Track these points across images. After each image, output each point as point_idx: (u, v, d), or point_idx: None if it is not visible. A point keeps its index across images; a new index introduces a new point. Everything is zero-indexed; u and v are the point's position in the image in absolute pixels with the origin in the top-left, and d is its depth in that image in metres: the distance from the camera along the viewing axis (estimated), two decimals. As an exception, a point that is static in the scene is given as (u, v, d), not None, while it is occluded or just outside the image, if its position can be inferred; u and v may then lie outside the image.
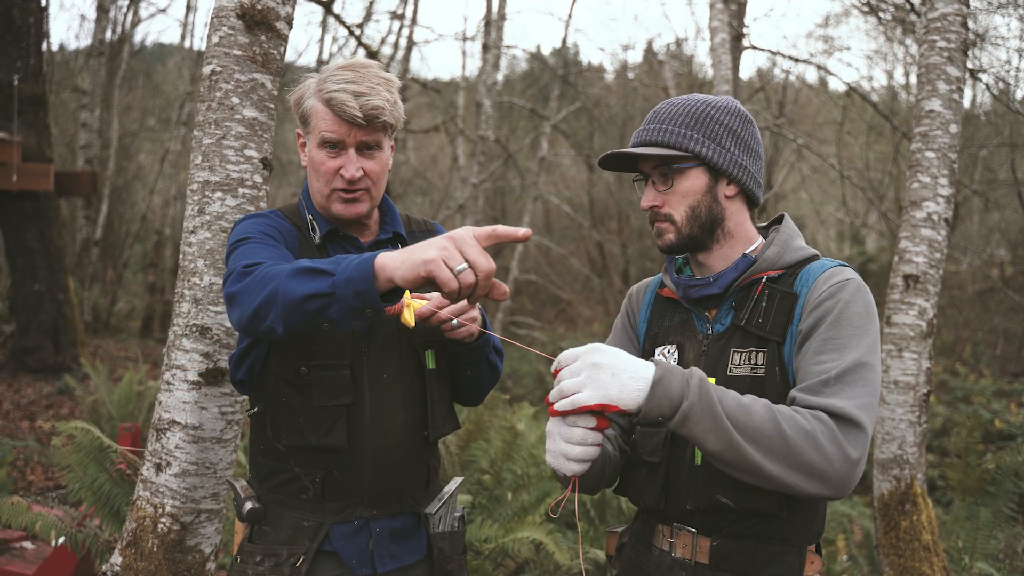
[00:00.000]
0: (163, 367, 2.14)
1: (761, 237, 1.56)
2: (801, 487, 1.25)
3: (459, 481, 1.75)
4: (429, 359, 1.66)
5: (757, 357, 1.43)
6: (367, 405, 1.58)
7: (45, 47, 10.58)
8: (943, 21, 3.42)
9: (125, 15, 14.55)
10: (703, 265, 1.54)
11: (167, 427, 2.08)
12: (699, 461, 1.45)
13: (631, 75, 17.42)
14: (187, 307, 2.09)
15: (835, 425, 1.26)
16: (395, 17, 13.66)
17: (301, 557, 1.54)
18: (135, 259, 17.64)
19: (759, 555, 1.42)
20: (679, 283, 1.55)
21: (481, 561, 3.52)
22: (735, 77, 7.46)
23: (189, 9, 20.67)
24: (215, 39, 2.09)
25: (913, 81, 13.52)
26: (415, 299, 1.46)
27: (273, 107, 2.18)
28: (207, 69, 2.10)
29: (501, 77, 15.01)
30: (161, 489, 2.07)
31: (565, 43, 14.88)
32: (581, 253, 17.50)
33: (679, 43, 17.95)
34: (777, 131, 10.26)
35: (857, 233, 18.53)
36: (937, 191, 3.40)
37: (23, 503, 3.10)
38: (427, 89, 14.31)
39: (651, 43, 19.91)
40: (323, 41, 15.08)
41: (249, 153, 2.12)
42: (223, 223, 2.09)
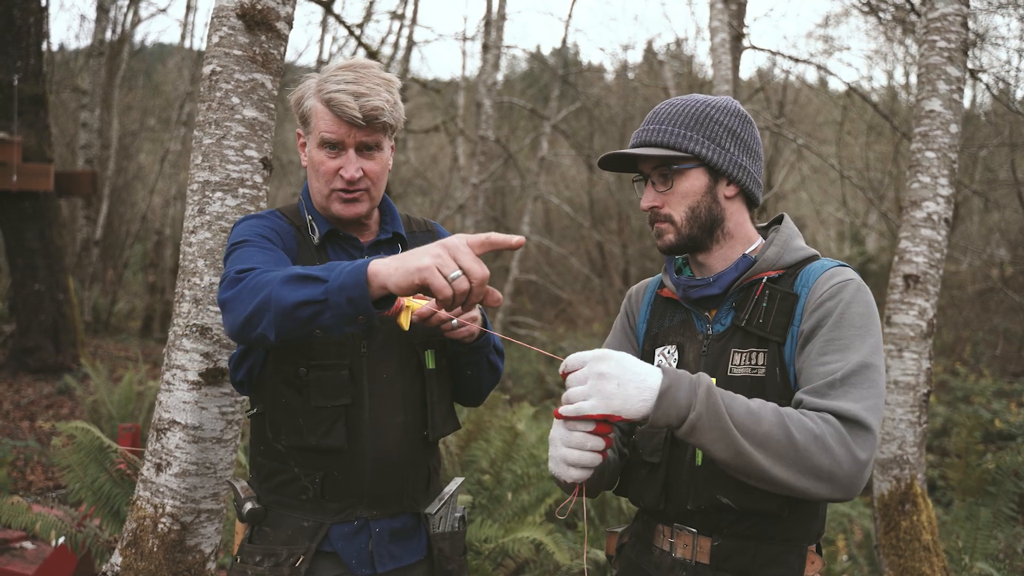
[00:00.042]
0: (163, 367, 2.14)
1: (761, 237, 1.56)
2: (811, 491, 1.26)
3: (459, 481, 1.75)
4: (429, 359, 1.66)
5: (758, 357, 1.43)
6: (366, 405, 1.58)
7: (45, 47, 10.58)
8: (943, 21, 3.42)
9: (125, 15, 14.57)
10: (703, 265, 1.54)
11: (167, 427, 2.08)
12: (699, 461, 1.45)
13: (631, 75, 17.42)
14: (187, 307, 2.09)
15: (843, 427, 1.26)
16: (395, 17, 13.67)
17: (301, 557, 1.54)
18: (135, 259, 17.64)
19: (760, 555, 1.42)
20: (679, 283, 1.55)
21: (481, 561, 3.52)
22: (735, 77, 7.45)
23: (189, 9, 20.69)
24: (215, 39, 2.09)
25: (913, 81, 13.52)
26: (416, 299, 1.45)
27: (273, 107, 2.18)
28: (207, 69, 2.10)
29: (501, 77, 15.01)
30: (161, 489, 2.07)
31: (565, 43, 14.90)
32: (581, 253, 17.49)
33: (679, 43, 17.96)
34: (777, 131, 10.26)
35: (857, 233, 18.52)
36: (937, 191, 3.40)
37: (23, 503, 3.10)
38: (427, 89, 14.31)
39: (651, 43, 19.93)
40: (323, 41, 15.12)
41: (249, 153, 2.12)
42: (223, 223, 2.09)
